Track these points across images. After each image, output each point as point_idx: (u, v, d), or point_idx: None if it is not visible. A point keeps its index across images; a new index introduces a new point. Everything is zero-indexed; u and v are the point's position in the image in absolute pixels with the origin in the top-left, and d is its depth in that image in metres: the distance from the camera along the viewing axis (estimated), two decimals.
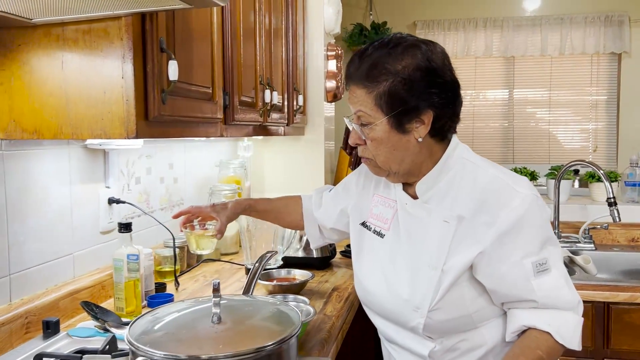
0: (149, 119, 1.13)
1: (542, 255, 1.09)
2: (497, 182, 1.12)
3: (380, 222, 1.25)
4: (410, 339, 1.19)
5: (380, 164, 1.15)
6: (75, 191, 1.48)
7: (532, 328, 1.09)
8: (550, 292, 1.09)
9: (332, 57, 2.61)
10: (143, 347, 0.84)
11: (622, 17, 4.41)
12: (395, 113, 1.09)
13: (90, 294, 1.48)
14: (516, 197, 1.08)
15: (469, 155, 1.19)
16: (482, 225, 1.09)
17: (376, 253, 1.25)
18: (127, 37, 1.08)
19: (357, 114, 1.13)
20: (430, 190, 1.17)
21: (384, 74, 1.09)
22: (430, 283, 1.12)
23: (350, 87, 1.14)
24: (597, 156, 4.58)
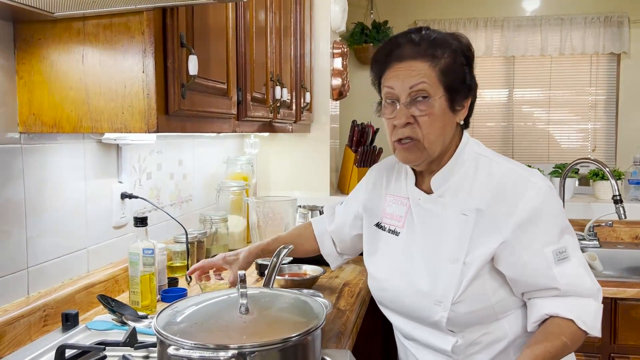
0: (169, 114, 1.14)
1: (561, 243, 1.11)
2: (512, 173, 1.16)
3: (394, 221, 1.27)
4: (431, 335, 1.19)
5: (428, 144, 1.14)
6: (89, 186, 1.49)
7: (554, 316, 1.10)
8: (571, 279, 1.10)
9: (338, 55, 2.63)
10: (173, 337, 0.85)
11: (621, 18, 4.44)
12: (453, 89, 1.13)
13: (104, 287, 1.49)
14: (532, 188, 1.12)
15: (480, 149, 1.22)
16: (501, 216, 1.11)
17: (392, 251, 1.25)
18: (149, 31, 1.09)
19: (416, 88, 1.12)
20: (445, 184, 1.19)
21: (448, 49, 1.13)
22: (452, 276, 1.13)
23: (405, 63, 1.14)
24: (595, 156, 4.61)
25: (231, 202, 2.17)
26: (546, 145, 4.70)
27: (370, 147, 2.64)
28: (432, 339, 1.19)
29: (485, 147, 1.23)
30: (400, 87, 1.14)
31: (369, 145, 2.65)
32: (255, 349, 0.83)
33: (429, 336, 1.20)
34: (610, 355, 1.82)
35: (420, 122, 1.13)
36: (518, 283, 1.13)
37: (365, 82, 5.72)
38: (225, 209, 2.15)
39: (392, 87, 1.15)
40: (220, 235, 2.04)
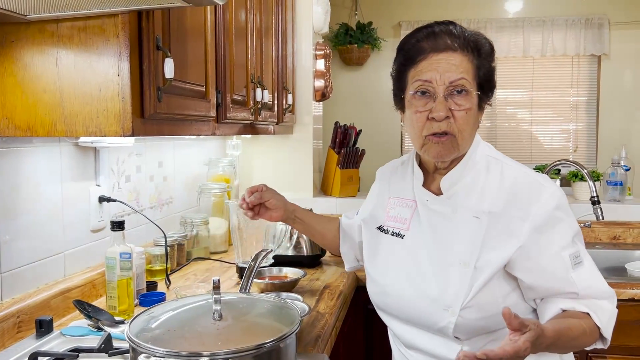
0: (144, 117, 1.13)
1: (575, 248, 1.10)
2: (525, 177, 1.14)
3: (399, 223, 1.22)
4: (435, 343, 1.14)
5: (462, 140, 1.11)
6: (66, 189, 1.47)
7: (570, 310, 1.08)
8: (588, 282, 1.08)
9: (320, 56, 2.62)
10: (145, 344, 0.84)
11: (601, 20, 4.50)
12: (484, 88, 1.13)
13: (81, 292, 1.47)
14: (545, 192, 1.10)
15: (491, 151, 1.20)
16: (515, 220, 1.09)
17: (396, 254, 1.21)
18: (124, 34, 1.07)
19: (456, 83, 1.08)
20: (455, 185, 1.15)
21: (486, 48, 1.13)
22: (462, 281, 1.09)
23: (446, 54, 1.09)
24: (577, 156, 4.67)
25: (213, 204, 2.16)
26: (529, 145, 4.74)
27: (353, 148, 2.64)
28: (436, 347, 1.14)
29: (495, 150, 1.21)
30: (439, 79, 1.08)
31: (352, 146, 2.65)
32: (229, 355, 0.83)
33: (433, 344, 1.15)
34: (588, 355, 1.84)
35: (457, 116, 1.09)
36: (535, 289, 1.10)
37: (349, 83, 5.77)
38: (207, 211, 2.14)
39: (429, 78, 1.09)
40: (201, 237, 2.03)
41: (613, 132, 4.56)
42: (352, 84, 4.86)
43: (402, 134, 4.94)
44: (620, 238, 2.40)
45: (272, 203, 1.38)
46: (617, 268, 2.21)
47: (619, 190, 2.48)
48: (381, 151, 4.73)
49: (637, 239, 2.38)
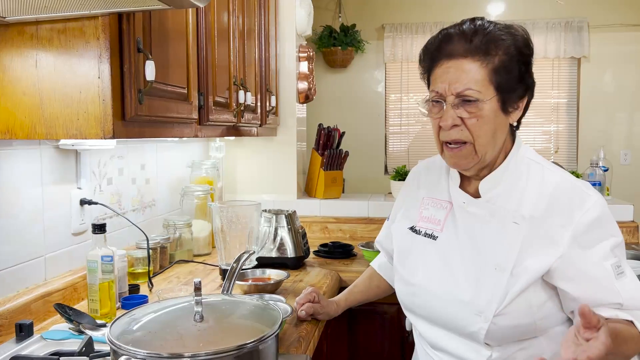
0: (125, 119, 1.13)
1: (616, 258, 1.06)
2: (567, 183, 1.10)
3: (432, 224, 1.20)
4: (464, 347, 1.12)
5: (479, 148, 1.08)
6: (46, 192, 1.46)
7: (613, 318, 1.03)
8: (632, 293, 1.05)
9: (303, 59, 2.63)
10: (125, 347, 0.84)
11: (581, 23, 4.57)
12: (506, 91, 1.06)
13: (62, 296, 1.46)
14: (588, 200, 1.07)
15: (532, 155, 1.16)
16: (556, 227, 1.05)
17: (428, 256, 1.18)
18: (104, 36, 1.07)
19: (464, 92, 1.05)
20: (495, 189, 1.13)
21: (500, 47, 1.06)
22: (497, 286, 1.06)
23: (453, 62, 1.07)
24: (558, 157, 4.73)
25: (196, 206, 2.16)
26: None
27: (337, 150, 2.66)
28: (464, 351, 1.12)
29: (536, 153, 1.18)
30: (447, 89, 1.07)
31: (336, 148, 2.66)
32: (210, 356, 0.83)
33: (461, 348, 1.12)
34: None
35: (469, 124, 1.07)
36: (578, 299, 1.04)
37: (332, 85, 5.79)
38: (190, 214, 2.13)
39: (439, 88, 1.08)
40: (184, 240, 2.02)
41: (593, 134, 4.64)
42: (336, 86, 4.88)
43: (386, 136, 4.96)
44: None
45: (321, 317, 1.43)
46: None
47: (598, 190, 2.52)
48: (365, 153, 4.76)
49: None
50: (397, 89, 4.93)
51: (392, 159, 4.92)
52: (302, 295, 1.43)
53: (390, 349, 1.95)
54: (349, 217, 2.59)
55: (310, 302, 1.41)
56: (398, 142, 4.98)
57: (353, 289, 1.54)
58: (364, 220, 2.57)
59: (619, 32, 4.55)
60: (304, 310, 1.39)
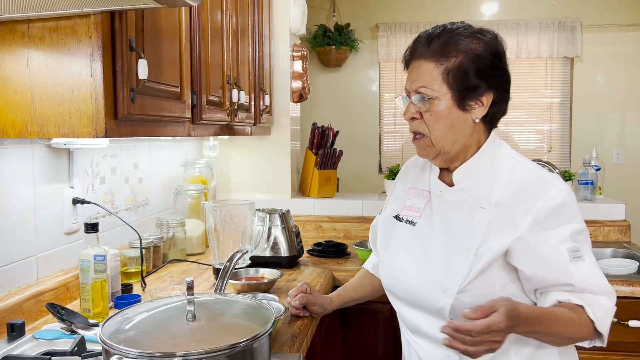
0: (118, 118, 1.12)
1: (575, 243, 1.13)
2: (535, 173, 1.19)
3: (412, 212, 1.30)
4: (434, 325, 1.19)
5: (434, 140, 1.19)
6: (39, 191, 1.45)
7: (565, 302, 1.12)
8: (586, 276, 1.11)
9: (297, 58, 2.63)
10: (117, 346, 0.84)
11: (574, 23, 4.60)
12: (461, 89, 1.16)
13: (54, 295, 1.45)
14: (553, 188, 1.14)
15: (506, 149, 1.26)
16: (519, 212, 1.14)
17: (407, 240, 1.28)
18: (96, 35, 1.07)
19: (419, 89, 1.18)
20: (467, 178, 1.22)
21: (456, 50, 1.17)
22: (463, 265, 1.15)
23: (416, 62, 1.20)
24: (551, 156, 4.76)
25: (189, 205, 2.16)
26: None
27: (331, 149, 2.66)
28: (434, 330, 1.19)
29: (510, 148, 1.27)
30: (410, 87, 1.21)
31: (330, 147, 2.66)
32: (202, 355, 0.83)
33: (432, 326, 1.21)
34: None
35: (425, 118, 1.19)
36: (533, 279, 1.14)
37: (326, 84, 5.80)
38: (183, 213, 2.13)
39: (407, 85, 1.22)
40: (177, 239, 2.02)
41: (585, 133, 4.66)
42: (330, 85, 4.88)
43: (380, 135, 4.97)
44: (591, 236, 2.45)
45: (314, 310, 1.43)
46: None
47: (590, 189, 2.54)
48: (359, 152, 4.76)
49: (607, 237, 2.44)
50: (392, 88, 4.94)
51: (386, 158, 4.93)
52: (294, 288, 1.45)
53: (383, 347, 1.96)
54: (343, 216, 2.59)
55: (302, 292, 1.42)
56: (392, 141, 4.99)
57: (346, 286, 1.57)
58: (358, 220, 2.57)
59: (611, 32, 4.58)
60: (297, 300, 1.40)
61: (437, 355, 1.22)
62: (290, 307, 1.42)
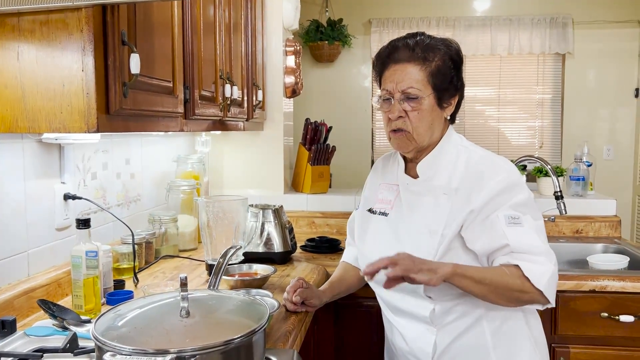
0: (110, 113, 1.11)
1: (515, 213, 1.27)
2: (486, 160, 1.36)
3: (385, 204, 1.45)
4: (412, 303, 1.35)
5: (417, 135, 1.33)
6: (29, 187, 1.44)
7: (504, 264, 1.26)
8: (520, 237, 1.25)
9: (290, 53, 2.62)
10: (110, 343, 0.83)
11: (566, 20, 4.61)
12: (440, 89, 1.32)
13: (46, 292, 1.44)
14: (502, 172, 1.31)
15: (462, 141, 1.41)
16: (474, 192, 1.29)
17: (381, 230, 1.42)
18: (88, 29, 1.05)
19: (407, 89, 1.30)
20: (430, 169, 1.37)
21: (438, 54, 1.32)
22: (429, 246, 1.30)
23: (399, 65, 1.32)
24: (542, 152, 4.78)
25: (181, 201, 2.14)
26: (496, 142, 4.84)
27: (324, 145, 2.65)
28: (413, 307, 1.35)
29: (466, 140, 1.42)
30: (394, 87, 1.32)
31: (323, 143, 2.66)
32: (196, 352, 0.83)
33: (410, 303, 1.35)
34: (551, 346, 1.89)
35: (411, 116, 1.32)
36: (479, 249, 1.28)
37: (319, 80, 5.78)
38: (176, 209, 2.12)
39: (388, 87, 1.34)
40: (170, 235, 2.01)
41: (576, 129, 4.69)
42: (323, 80, 4.88)
43: (372, 131, 4.97)
44: (583, 232, 2.47)
45: (312, 303, 1.46)
46: (579, 261, 2.28)
47: (582, 185, 2.55)
48: (352, 148, 4.76)
49: (598, 233, 2.46)
50: None
51: (379, 153, 4.94)
52: (290, 285, 1.46)
53: (375, 342, 1.96)
54: (336, 212, 2.59)
55: (300, 288, 1.44)
56: (384, 136, 4.97)
57: (332, 280, 1.62)
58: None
59: (602, 29, 4.60)
60: (298, 296, 1.41)
61: (418, 330, 1.36)
62: (288, 304, 1.43)
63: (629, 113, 4.66)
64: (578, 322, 1.87)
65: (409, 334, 1.39)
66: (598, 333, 1.86)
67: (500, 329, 1.34)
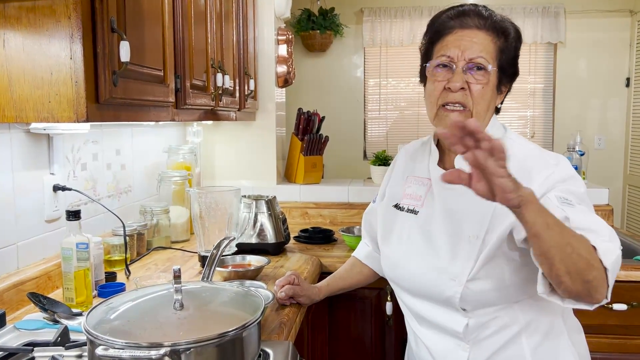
0: (99, 102, 1.09)
1: (569, 197, 1.05)
2: (534, 154, 1.18)
3: (414, 200, 1.27)
4: (443, 314, 1.17)
5: (476, 113, 1.15)
6: (17, 178, 1.41)
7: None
8: (579, 215, 1.01)
9: (282, 42, 2.59)
10: (103, 336, 0.81)
11: (557, 9, 4.60)
12: (505, 70, 1.17)
13: (36, 284, 1.42)
14: (551, 167, 1.13)
15: (507, 132, 1.25)
16: None
17: (410, 229, 1.24)
18: (76, 15, 1.03)
19: (476, 58, 1.13)
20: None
21: (509, 31, 1.17)
22: (470, 253, 1.12)
23: (469, 31, 1.15)
24: (534, 142, 4.77)
25: (173, 192, 2.12)
26: None
27: (317, 135, 2.63)
28: (443, 319, 1.18)
29: (510, 130, 1.26)
30: (460, 54, 1.14)
31: (316, 133, 2.64)
32: (191, 345, 0.81)
33: (440, 315, 1.18)
34: None
35: (473, 90, 1.14)
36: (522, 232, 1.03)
37: (311, 69, 5.74)
38: (167, 200, 2.10)
39: (451, 52, 1.15)
40: (161, 226, 1.99)
41: (568, 119, 4.70)
42: (315, 70, 4.84)
43: (364, 121, 4.95)
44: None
45: (301, 301, 1.42)
46: None
47: None
48: (345, 138, 4.74)
49: None
50: (376, 74, 4.92)
51: (372, 144, 4.92)
52: (282, 278, 1.43)
53: (371, 333, 1.96)
54: (329, 202, 2.57)
55: (290, 284, 1.41)
56: (377, 127, 4.97)
57: (334, 275, 1.56)
58: (344, 206, 2.56)
59: (594, 19, 4.60)
60: (283, 292, 1.38)
61: (447, 345, 1.19)
62: (276, 297, 1.40)
63: (620, 103, 4.67)
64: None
65: (436, 347, 1.22)
66: (591, 321, 1.86)
67: (541, 346, 1.16)
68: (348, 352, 1.96)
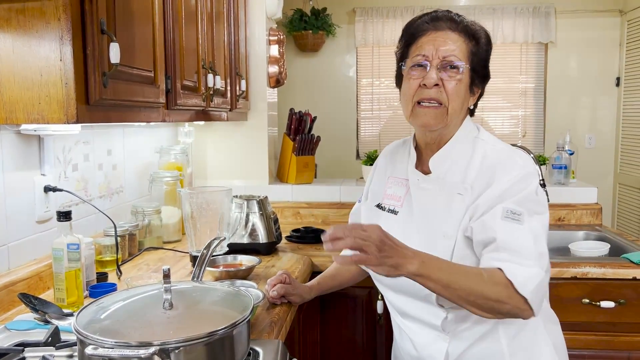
0: (89, 103, 1.09)
1: (519, 209, 1.11)
2: (503, 154, 1.22)
3: (394, 201, 1.32)
4: (423, 310, 1.23)
5: (451, 110, 1.20)
6: (8, 179, 1.41)
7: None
8: (512, 234, 1.09)
9: (274, 42, 2.60)
10: (92, 336, 0.82)
11: (548, 9, 4.64)
12: (476, 71, 1.22)
13: (27, 285, 1.42)
14: (516, 168, 1.17)
15: (479, 133, 1.28)
16: (484, 190, 1.16)
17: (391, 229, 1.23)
18: (65, 17, 1.03)
19: (449, 56, 1.19)
20: (443, 165, 1.25)
21: (479, 34, 1.23)
22: (444, 252, 1.16)
23: (442, 32, 1.21)
24: (525, 141, 4.82)
25: (165, 192, 2.13)
26: None
27: (309, 135, 2.64)
28: (423, 314, 1.24)
29: (484, 131, 1.29)
30: (434, 52, 1.19)
31: (307, 133, 2.65)
32: (180, 344, 0.82)
33: (421, 311, 1.24)
34: None
35: (447, 86, 1.19)
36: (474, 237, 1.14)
37: (303, 69, 5.75)
38: (159, 200, 2.10)
39: (426, 51, 1.20)
40: (153, 227, 1.99)
41: (559, 118, 4.73)
42: (307, 70, 4.85)
43: (357, 121, 4.97)
44: (565, 219, 2.50)
45: (292, 300, 1.44)
46: (561, 248, 2.31)
47: (564, 173, 2.58)
48: (336, 138, 4.76)
49: (580, 220, 2.49)
50: (369, 74, 4.93)
51: (364, 143, 4.94)
52: (273, 277, 1.45)
53: (362, 332, 1.97)
54: (321, 202, 2.59)
55: (281, 283, 1.43)
56: (369, 126, 4.99)
57: (324, 274, 1.58)
58: (336, 205, 2.57)
59: (584, 18, 4.63)
60: (275, 291, 1.40)
61: (428, 337, 1.25)
62: (268, 297, 1.41)
63: (610, 102, 4.71)
64: (560, 309, 1.88)
65: (419, 339, 1.28)
66: (579, 319, 1.88)
67: (518, 336, 1.22)
68: (339, 350, 1.98)
